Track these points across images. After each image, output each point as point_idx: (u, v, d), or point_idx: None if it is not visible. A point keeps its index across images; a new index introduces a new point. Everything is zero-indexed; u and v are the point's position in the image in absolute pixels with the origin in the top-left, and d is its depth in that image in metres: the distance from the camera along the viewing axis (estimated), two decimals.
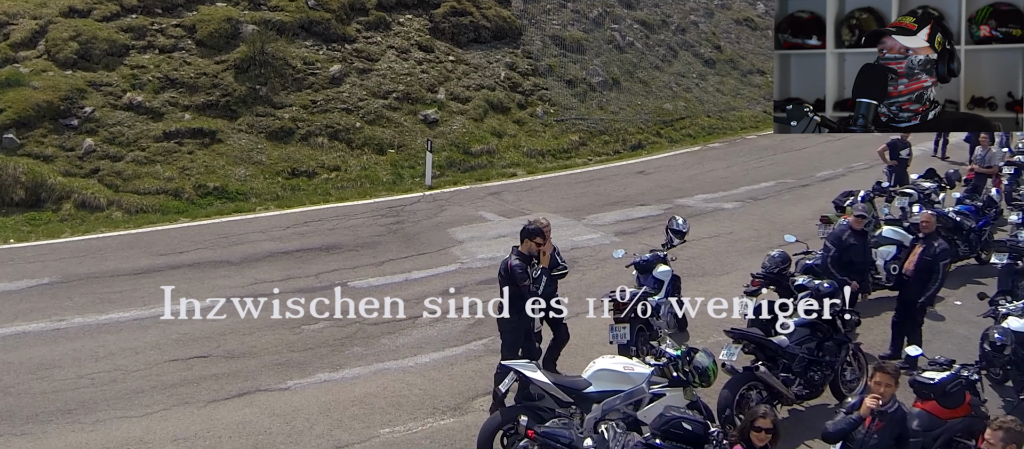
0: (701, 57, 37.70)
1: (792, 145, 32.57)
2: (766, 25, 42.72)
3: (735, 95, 37.24)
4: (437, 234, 20.26)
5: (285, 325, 14.80)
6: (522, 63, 30.89)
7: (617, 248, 15.42)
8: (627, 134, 31.11)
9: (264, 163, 23.32)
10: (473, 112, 27.92)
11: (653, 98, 33.72)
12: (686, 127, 33.40)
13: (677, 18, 38.58)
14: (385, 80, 27.12)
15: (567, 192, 24.55)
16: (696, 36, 38.58)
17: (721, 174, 27.51)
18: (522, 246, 11.82)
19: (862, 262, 14.66)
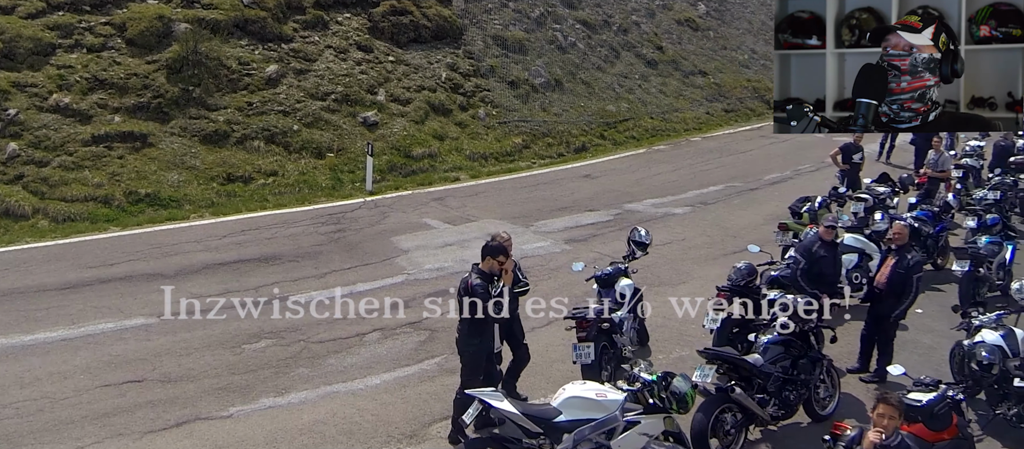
0: (643, 58, 37.33)
1: (737, 147, 32.39)
2: (707, 26, 42.64)
3: (678, 96, 36.94)
4: (381, 243, 19.52)
5: (225, 344, 13.99)
6: (463, 64, 30.22)
7: (575, 261, 14.74)
8: (571, 136, 30.62)
9: (198, 168, 22.34)
10: (414, 114, 27.18)
11: (596, 99, 33.26)
12: (629, 129, 33.00)
13: (619, 18, 38.17)
14: (323, 81, 26.26)
15: (513, 197, 23.94)
16: (638, 36, 38.20)
17: (668, 178, 27.11)
18: (483, 264, 11.09)
19: (832, 274, 14.28)
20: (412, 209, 22.22)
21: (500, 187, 25.05)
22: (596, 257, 19.09)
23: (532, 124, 30.04)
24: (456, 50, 30.55)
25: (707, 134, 34.93)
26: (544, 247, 19.74)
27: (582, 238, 20.61)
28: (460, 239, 19.98)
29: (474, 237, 20.03)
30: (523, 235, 20.52)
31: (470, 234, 20.34)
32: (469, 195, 23.92)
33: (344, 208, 21.96)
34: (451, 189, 24.55)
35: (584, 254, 19.37)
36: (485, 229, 20.57)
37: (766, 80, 42.57)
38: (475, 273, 10.96)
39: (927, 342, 15.41)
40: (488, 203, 23.18)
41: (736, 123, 37.84)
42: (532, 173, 27.05)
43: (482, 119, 28.91)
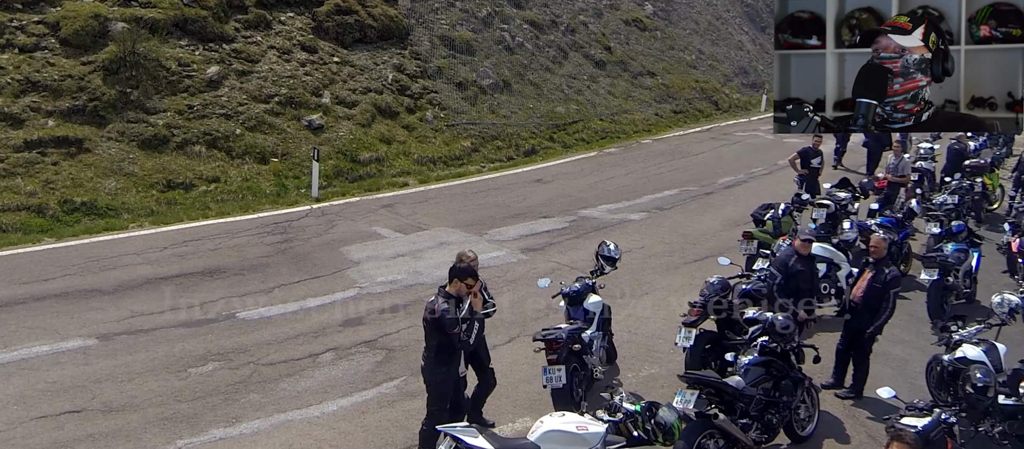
0: (591, 59, 36.90)
1: (689, 150, 32.12)
2: (655, 26, 42.33)
3: (626, 98, 36.59)
4: (330, 254, 18.76)
5: (169, 368, 13.16)
6: (410, 65, 29.51)
7: (540, 277, 14.16)
8: (520, 139, 30.08)
9: (137, 175, 21.37)
10: (360, 117, 26.42)
11: (545, 101, 32.74)
12: (579, 131, 32.56)
13: (566, 18, 37.68)
14: (266, 83, 25.38)
15: (464, 203, 23.29)
16: (586, 37, 37.74)
17: (622, 182, 26.64)
18: (450, 286, 10.42)
19: (810, 289, 13.81)
20: (361, 217, 21.48)
21: (450, 193, 24.39)
22: (554, 267, 18.58)
23: (481, 127, 29.43)
24: (402, 51, 29.82)
25: (657, 136, 34.60)
26: (500, 257, 19.11)
27: (539, 247, 20.03)
28: (412, 249, 19.30)
29: (427, 247, 19.43)
30: (477, 244, 19.89)
31: (422, 243, 19.69)
32: (419, 201, 23.23)
33: (290, 216, 21.15)
34: (400, 195, 23.84)
35: (541, 264, 18.84)
36: (437, 238, 20.00)
37: (714, 81, 42.52)
38: (442, 297, 10.30)
39: (898, 354, 15.09)
40: (439, 210, 22.51)
41: (685, 124, 37.62)
42: (482, 178, 26.44)
43: (430, 122, 28.24)
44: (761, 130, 38.08)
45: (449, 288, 10.41)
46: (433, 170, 26.41)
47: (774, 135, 36.67)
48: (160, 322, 14.71)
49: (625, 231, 21.65)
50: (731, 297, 13.87)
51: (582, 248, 20.05)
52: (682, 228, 22.17)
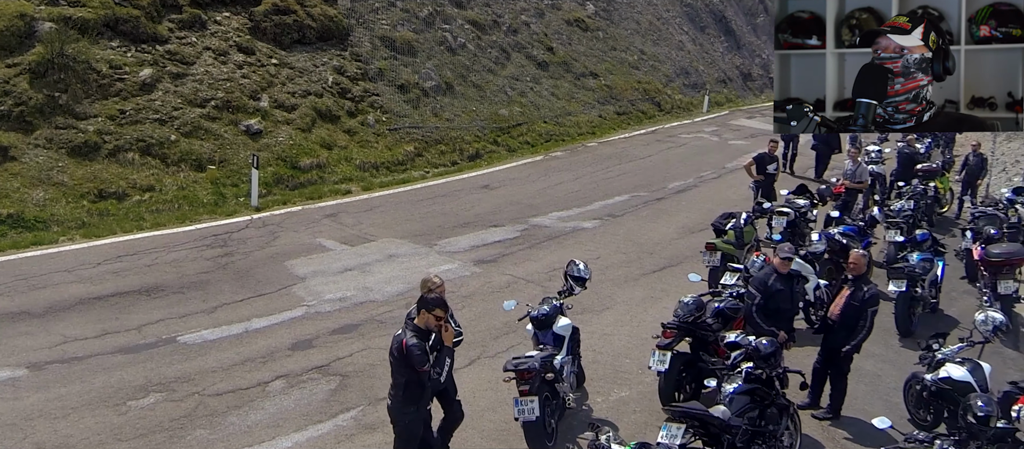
0: (534, 59, 36.25)
1: (635, 153, 31.69)
2: (596, 26, 41.86)
3: (570, 99, 36.03)
4: (274, 269, 17.85)
5: (107, 402, 12.23)
6: (351, 66, 28.56)
7: (506, 300, 13.31)
8: (464, 143, 29.36)
9: (66, 184, 20.20)
10: (300, 121, 25.44)
11: (488, 103, 32.02)
12: (523, 134, 31.93)
13: (508, 18, 36.99)
14: (202, 86, 24.26)
15: (411, 212, 22.49)
16: (528, 37, 37.08)
17: (570, 187, 26.05)
18: (419, 318, 9.64)
19: (790, 309, 13.30)
20: (304, 228, 20.57)
21: (396, 200, 23.55)
22: (510, 281, 17.95)
23: (424, 130, 28.63)
24: (342, 52, 28.86)
25: (603, 139, 34.08)
26: (452, 271, 18.36)
27: (491, 259, 19.34)
28: (360, 262, 18.48)
29: (375, 260, 18.65)
30: (427, 256, 19.19)
31: (370, 256, 18.88)
32: (363, 210, 22.37)
33: (229, 227, 20.16)
34: (343, 203, 22.96)
35: (496, 277, 18.19)
36: (386, 250, 19.23)
37: (656, 81, 42.18)
38: (411, 330, 9.50)
39: (870, 368, 14.75)
40: (385, 219, 21.69)
41: (630, 126, 37.19)
42: (428, 184, 25.63)
43: (371, 126, 27.36)
44: (705, 132, 37.87)
45: (417, 320, 9.62)
46: (376, 176, 25.56)
47: (719, 138, 36.66)
48: (96, 348, 13.75)
49: (579, 240, 21.08)
50: (705, 316, 13.34)
51: (536, 259, 19.45)
52: (637, 236, 21.65)
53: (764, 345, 11.40)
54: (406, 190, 24.76)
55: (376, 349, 14.31)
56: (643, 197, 25.49)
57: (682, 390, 12.84)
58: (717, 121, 41.49)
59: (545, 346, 12.23)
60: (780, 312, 12.97)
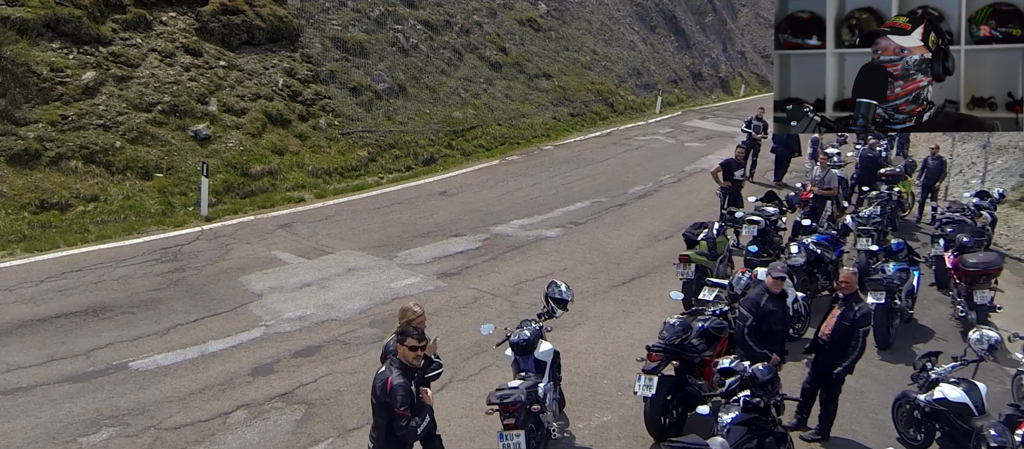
0: (487, 60, 35.57)
1: (592, 156, 31.18)
2: (549, 26, 41.30)
3: (524, 101, 35.42)
4: (228, 285, 17.00)
5: (56, 439, 11.36)
6: (302, 68, 27.66)
7: (484, 323, 12.50)
8: (418, 147, 28.63)
9: (5, 194, 19.09)
10: (250, 126, 24.51)
11: (441, 106, 31.30)
12: (478, 137, 31.26)
13: (460, 18, 36.26)
14: (148, 90, 23.21)
15: (368, 221, 21.72)
16: (480, 38, 36.38)
17: (529, 193, 25.43)
18: (400, 352, 8.92)
19: (783, 330, 12.76)
20: (257, 239, 19.73)
21: (352, 209, 22.77)
22: (477, 296, 17.30)
23: (377, 134, 27.85)
24: (293, 53, 27.93)
25: (558, 142, 33.55)
26: (416, 285, 17.67)
27: (455, 271, 18.65)
28: (319, 277, 17.68)
29: (334, 274, 17.87)
30: (388, 269, 18.44)
31: (329, 270, 18.10)
32: (319, 220, 21.55)
33: (179, 240, 19.24)
34: (297, 212, 22.11)
35: (462, 291, 17.52)
36: (345, 263, 18.47)
37: (609, 82, 41.76)
38: (396, 369, 8.79)
39: (852, 384, 14.20)
40: (342, 229, 20.90)
41: (584, 128, 36.70)
42: (383, 191, 24.86)
43: (324, 130, 26.51)
44: (661, 134, 37.50)
45: (400, 355, 8.91)
46: (330, 183, 24.73)
47: (675, 140, 36.26)
48: (41, 377, 12.84)
49: (542, 250, 20.48)
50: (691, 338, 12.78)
51: (501, 271, 18.82)
52: (601, 245, 21.10)
53: (761, 371, 10.88)
54: (361, 198, 23.97)
55: (341, 374, 13.61)
56: (604, 203, 24.95)
57: (669, 415, 12.27)
58: (671, 122, 41.15)
59: (527, 374, 11.55)
60: (772, 333, 12.45)
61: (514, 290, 17.72)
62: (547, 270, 18.98)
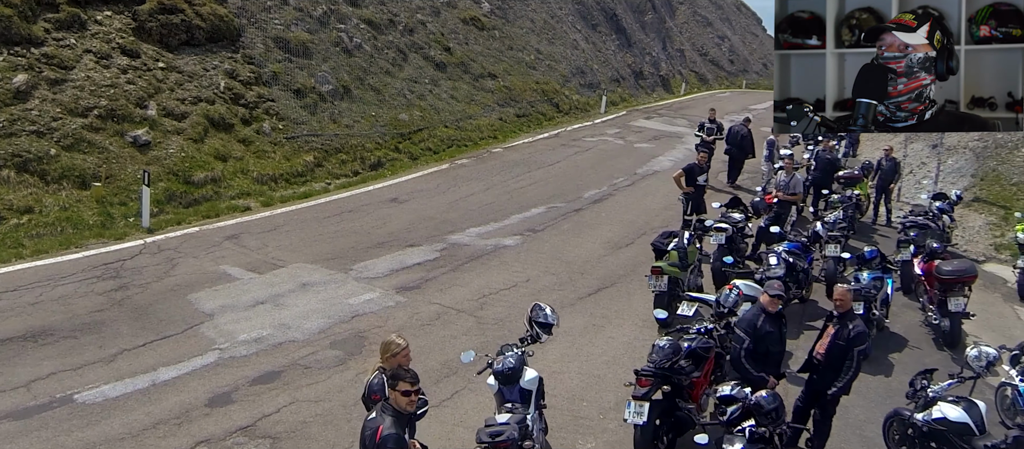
0: (432, 60, 34.75)
1: (543, 159, 30.55)
2: (493, 25, 40.60)
3: (469, 102, 34.68)
4: (176, 304, 15.98)
5: None
6: (243, 70, 26.58)
7: (466, 351, 11.61)
8: (365, 151, 27.75)
9: None
10: (191, 131, 23.42)
11: (387, 107, 30.42)
12: (425, 140, 30.45)
13: (404, 17, 35.39)
14: (83, 93, 21.98)
15: (319, 231, 20.81)
16: (425, 37, 35.54)
17: (483, 199, 24.69)
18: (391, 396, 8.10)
19: (779, 351, 12.17)
20: (204, 252, 18.72)
21: (301, 218, 21.82)
22: (440, 311, 16.54)
23: (323, 138, 26.89)
24: (234, 54, 26.85)
25: (507, 143, 32.88)
26: (375, 301, 16.82)
27: (414, 285, 17.84)
28: (272, 294, 16.75)
29: (288, 290, 16.96)
30: (344, 284, 17.57)
31: (282, 285, 17.17)
32: (267, 230, 20.60)
33: (121, 254, 18.17)
34: (244, 222, 21.13)
35: (424, 307, 16.74)
36: (298, 278, 17.56)
37: (553, 81, 41.19)
38: (389, 416, 7.97)
39: None
40: (292, 240, 19.97)
41: (531, 129, 36.08)
42: (332, 198, 23.93)
43: (267, 134, 25.50)
44: (609, 135, 37.00)
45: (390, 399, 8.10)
46: (276, 190, 23.77)
47: (624, 141, 35.75)
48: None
49: (502, 260, 19.76)
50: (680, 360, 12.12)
51: (463, 284, 18.07)
52: (563, 254, 20.44)
53: (766, 400, 10.30)
54: (310, 206, 23.03)
55: (305, 402, 12.75)
56: (561, 209, 24.30)
57: (660, 441, 11.62)
58: (617, 122, 40.70)
59: (515, 405, 10.76)
60: (769, 355, 11.86)
61: (478, 305, 16.98)
62: (510, 282, 18.30)
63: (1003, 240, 24.96)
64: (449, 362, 14.01)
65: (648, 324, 16.62)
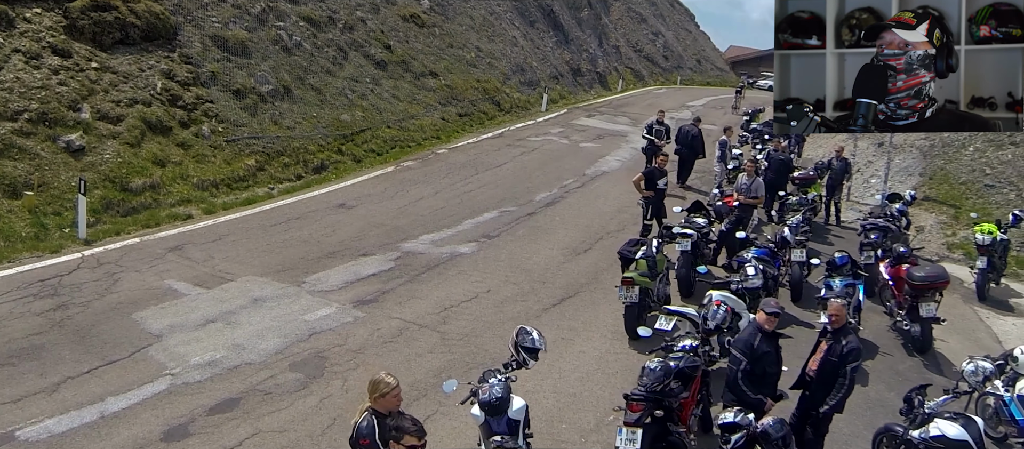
0: (372, 59, 33.81)
1: (489, 160, 29.87)
2: (433, 22, 39.78)
3: (411, 101, 33.85)
4: (120, 324, 14.94)
5: None
6: (181, 70, 25.40)
7: (448, 380, 10.66)
8: (308, 154, 26.78)
9: None
10: (128, 135, 22.25)
11: (329, 108, 29.46)
12: (368, 141, 29.58)
13: (344, 14, 34.38)
14: (12, 95, 20.67)
15: (266, 240, 19.87)
16: (364, 34, 34.57)
17: (432, 203, 23.93)
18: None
19: (776, 372, 11.66)
20: (147, 266, 17.68)
21: (246, 226, 20.84)
22: (402, 327, 15.84)
23: (264, 141, 25.86)
24: (171, 53, 25.65)
25: (451, 144, 32.11)
26: (332, 316, 15.98)
27: (371, 298, 17.03)
28: (222, 310, 15.80)
29: (239, 306, 16.05)
30: (298, 298, 16.70)
31: (232, 302, 16.24)
32: (211, 240, 19.60)
33: (58, 269, 17.05)
34: (187, 232, 20.09)
35: (384, 322, 15.99)
36: (249, 292, 16.66)
37: (494, 80, 40.54)
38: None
39: None
40: (239, 251, 19.01)
41: (474, 129, 35.37)
42: (277, 204, 22.95)
43: (207, 137, 24.40)
44: (553, 134, 36.42)
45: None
46: (217, 196, 22.72)
47: (569, 140, 35.17)
48: None
49: (460, 269, 19.05)
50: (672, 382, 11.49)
51: (422, 296, 17.34)
52: (521, 261, 19.78)
53: (772, 427, 9.81)
54: (255, 212, 22.03)
55: (270, 434, 11.92)
56: (513, 213, 23.64)
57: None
58: (560, 121, 40.19)
59: (504, 438, 10.02)
60: (767, 376, 11.34)
61: (441, 319, 16.25)
62: (470, 293, 17.60)
63: (955, 239, 24.90)
64: (417, 383, 13.33)
65: (617, 336, 16.11)
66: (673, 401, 11.42)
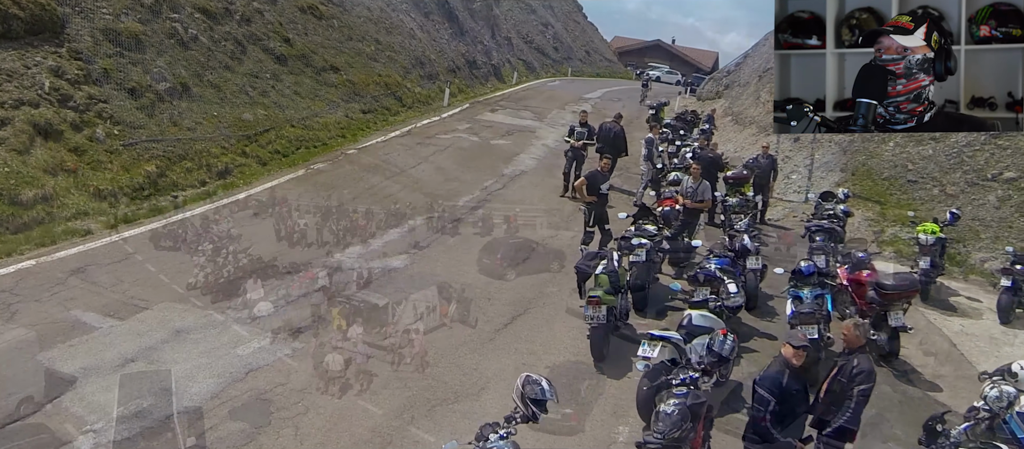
0: (272, 53, 31.83)
1: (402, 161, 28.42)
2: (331, 14, 37.97)
3: (314, 98, 32.05)
4: (25, 368, 12.93)
5: None
6: (70, 67, 23.11)
7: (446, 443, 9.36)
8: (210, 156, 24.81)
9: None
10: (15, 141, 20.02)
11: (229, 106, 27.48)
12: (272, 141, 27.71)
13: (240, 5, 32.25)
14: None
15: (178, 259, 18.04)
16: (263, 27, 32.53)
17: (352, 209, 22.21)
18: None
19: (806, 411, 10.58)
20: (47, 294, 15.64)
21: (154, 242, 18.88)
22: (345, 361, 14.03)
23: (164, 144, 23.79)
24: (59, 48, 23.30)
25: (360, 144, 30.44)
26: (267, 349, 14.35)
27: (307, 325, 15.46)
28: (142, 346, 13.98)
29: (160, 341, 14.26)
30: (225, 328, 15.07)
31: (152, 335, 14.42)
32: (118, 260, 17.64)
33: None
34: (89, 250, 18.04)
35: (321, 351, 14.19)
36: (169, 323, 14.89)
37: (395, 74, 39.06)
38: None
39: None
40: (149, 272, 17.13)
41: (379, 126, 33.81)
42: (186, 215, 20.92)
43: (101, 141, 22.24)
44: (460, 130, 35.11)
45: None
46: (117, 206, 20.65)
47: (478, 137, 33.84)
48: None
49: (397, 286, 17.61)
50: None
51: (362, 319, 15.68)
52: (459, 275, 18.45)
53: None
54: (162, 225, 20.02)
55: None
56: (440, 219, 22.24)
57: None
58: (464, 116, 38.93)
59: None
60: (795, 417, 10.30)
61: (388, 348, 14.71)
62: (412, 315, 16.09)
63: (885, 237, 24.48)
64: (379, 428, 11.84)
65: (580, 355, 15.10)
66: (684, 445, 10.30)
